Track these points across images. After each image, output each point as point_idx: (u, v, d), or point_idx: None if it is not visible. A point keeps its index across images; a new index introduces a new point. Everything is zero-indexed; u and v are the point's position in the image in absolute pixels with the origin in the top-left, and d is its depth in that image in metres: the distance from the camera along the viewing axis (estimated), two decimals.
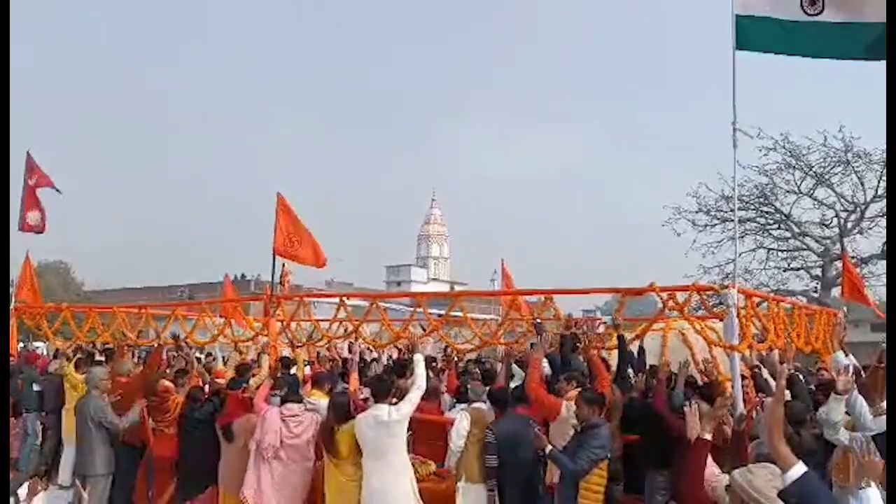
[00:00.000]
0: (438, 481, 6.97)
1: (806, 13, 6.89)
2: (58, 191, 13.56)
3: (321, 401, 7.40)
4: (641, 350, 8.42)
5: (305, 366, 10.11)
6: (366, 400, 7.32)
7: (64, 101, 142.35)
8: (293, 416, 6.88)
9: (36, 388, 10.75)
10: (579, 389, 6.36)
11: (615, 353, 8.43)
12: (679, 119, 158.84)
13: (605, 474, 5.77)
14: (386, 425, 6.29)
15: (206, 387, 8.25)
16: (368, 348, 12.25)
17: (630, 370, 7.95)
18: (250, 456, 6.82)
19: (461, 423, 6.72)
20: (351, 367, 8.94)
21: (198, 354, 11.84)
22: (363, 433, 6.34)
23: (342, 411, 6.63)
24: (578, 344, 7.90)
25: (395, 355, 12.58)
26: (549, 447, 5.92)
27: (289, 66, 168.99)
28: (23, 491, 6.83)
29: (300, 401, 7.11)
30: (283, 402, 7.01)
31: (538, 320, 8.44)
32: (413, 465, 6.68)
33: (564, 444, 6.05)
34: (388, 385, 6.84)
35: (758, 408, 7.98)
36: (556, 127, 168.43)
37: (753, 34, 7.16)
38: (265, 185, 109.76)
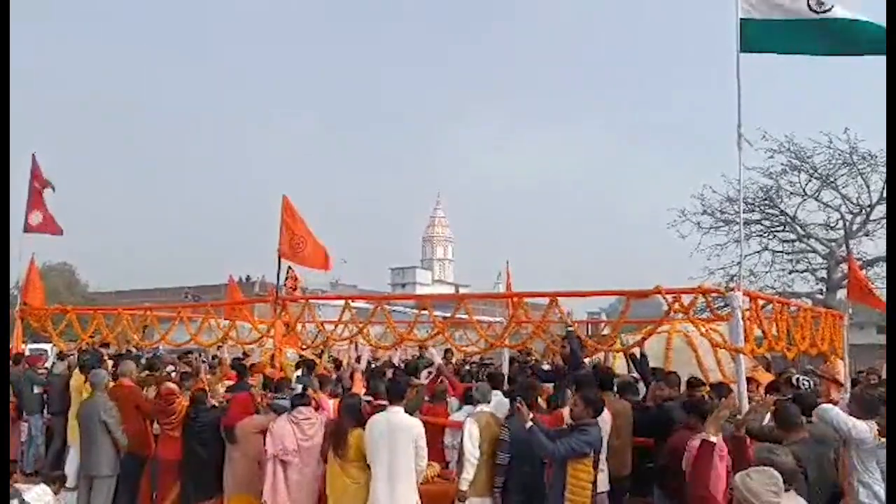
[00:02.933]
0: (443, 483, 6.96)
1: (814, 11, 6.93)
2: (52, 188, 13.56)
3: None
4: (643, 356, 8.39)
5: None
6: (368, 402, 7.33)
7: (67, 102, 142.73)
8: (306, 419, 6.87)
9: (37, 390, 10.80)
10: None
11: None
12: (684, 121, 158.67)
13: (591, 472, 5.75)
14: (397, 430, 6.31)
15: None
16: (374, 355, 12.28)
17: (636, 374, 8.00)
18: (266, 463, 6.78)
19: (472, 432, 6.52)
20: (354, 370, 8.93)
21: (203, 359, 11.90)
22: (374, 435, 6.35)
23: (354, 413, 6.64)
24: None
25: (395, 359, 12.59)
26: (531, 423, 5.92)
27: (295, 68, 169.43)
28: (31, 495, 6.80)
29: (309, 403, 7.11)
30: (294, 405, 6.99)
31: (570, 328, 8.44)
32: None
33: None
34: (403, 387, 6.85)
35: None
36: (559, 128, 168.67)
37: (757, 36, 7.20)
38: (270, 187, 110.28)
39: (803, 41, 7.14)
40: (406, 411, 6.54)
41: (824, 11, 6.90)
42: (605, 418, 6.42)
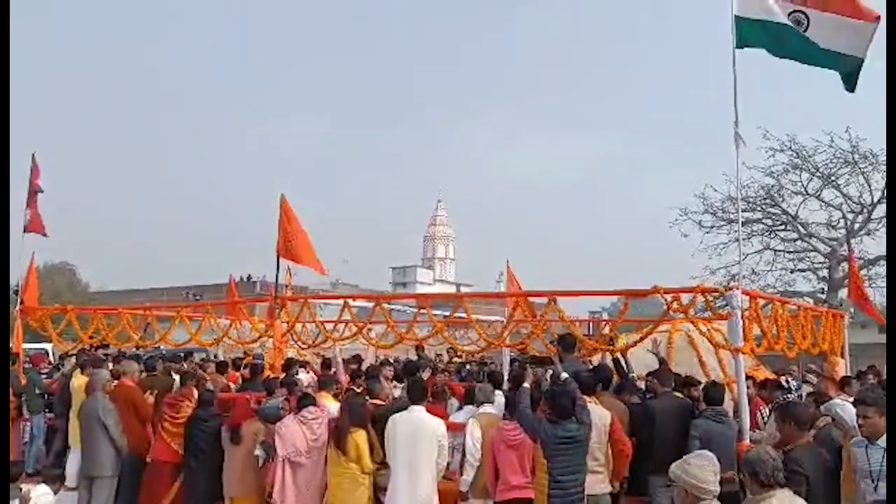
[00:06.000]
0: (444, 483, 6.95)
1: (796, 24, 7.04)
2: (40, 191, 13.50)
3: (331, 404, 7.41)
4: (662, 361, 8.36)
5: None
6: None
7: (69, 102, 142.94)
8: (314, 419, 6.87)
9: (38, 390, 10.81)
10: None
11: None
12: (687, 121, 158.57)
13: (543, 462, 5.77)
14: (422, 429, 6.34)
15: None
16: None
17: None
18: (276, 465, 6.77)
19: (474, 433, 6.55)
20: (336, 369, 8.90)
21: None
22: (396, 434, 6.36)
23: (358, 413, 6.63)
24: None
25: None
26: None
27: (297, 68, 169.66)
28: (37, 491, 6.82)
29: (314, 402, 7.11)
30: (301, 406, 6.99)
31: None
32: None
33: None
34: (424, 387, 6.90)
35: (762, 410, 7.97)
36: (562, 130, 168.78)
37: (752, 33, 7.26)
38: (273, 186, 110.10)
39: (791, 47, 7.23)
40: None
41: (803, 30, 7.03)
42: (601, 419, 6.40)
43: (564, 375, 6.50)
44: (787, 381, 8.30)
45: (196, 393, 8.05)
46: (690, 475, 3.70)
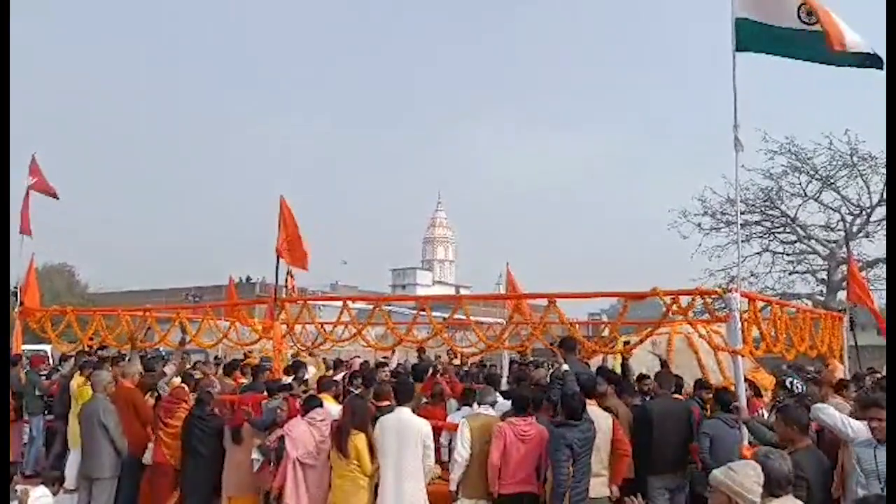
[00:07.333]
0: (443, 484, 6.96)
1: (802, 21, 6.95)
2: (56, 197, 13.51)
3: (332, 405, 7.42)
4: (664, 363, 8.36)
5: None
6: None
7: (72, 101, 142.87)
8: (322, 421, 6.89)
9: (37, 392, 10.80)
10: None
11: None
12: (687, 121, 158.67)
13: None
14: (406, 429, 6.37)
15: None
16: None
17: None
18: (287, 467, 6.76)
19: (463, 433, 6.56)
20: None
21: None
22: (383, 434, 6.40)
23: (360, 415, 6.65)
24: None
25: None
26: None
27: (297, 68, 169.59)
28: (34, 495, 6.80)
29: (321, 404, 7.12)
30: (307, 409, 7.00)
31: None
32: None
33: None
34: (411, 388, 6.92)
35: (761, 412, 7.98)
36: (562, 130, 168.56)
37: (752, 36, 7.22)
38: (272, 186, 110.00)
39: (793, 47, 7.17)
40: None
41: (812, 24, 6.92)
42: (605, 421, 6.40)
43: (565, 367, 6.51)
44: (792, 384, 8.30)
45: (189, 393, 8.07)
46: (736, 482, 3.59)
